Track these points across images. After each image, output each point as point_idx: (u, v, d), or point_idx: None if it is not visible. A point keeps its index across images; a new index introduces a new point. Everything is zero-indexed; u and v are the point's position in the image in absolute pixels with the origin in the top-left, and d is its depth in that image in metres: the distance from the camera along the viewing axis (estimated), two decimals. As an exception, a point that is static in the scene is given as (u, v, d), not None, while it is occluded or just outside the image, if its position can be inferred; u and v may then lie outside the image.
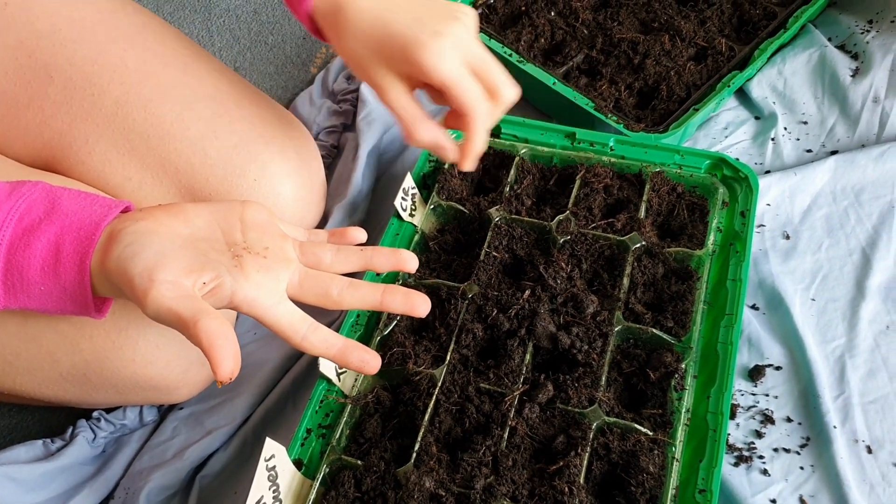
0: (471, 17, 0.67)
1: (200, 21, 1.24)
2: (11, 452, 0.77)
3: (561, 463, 0.63)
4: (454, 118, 0.69)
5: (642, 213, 0.78)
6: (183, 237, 0.57)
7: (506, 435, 0.65)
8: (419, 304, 0.63)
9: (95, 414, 0.80)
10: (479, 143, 0.67)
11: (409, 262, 0.66)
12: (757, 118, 0.96)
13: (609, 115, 0.89)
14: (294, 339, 0.58)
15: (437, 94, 0.67)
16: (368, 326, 0.75)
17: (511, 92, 0.67)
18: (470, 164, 0.68)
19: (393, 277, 0.77)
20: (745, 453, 0.71)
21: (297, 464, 0.66)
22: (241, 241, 0.60)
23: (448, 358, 0.70)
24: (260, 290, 0.57)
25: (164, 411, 0.83)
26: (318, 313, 0.65)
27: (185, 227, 0.58)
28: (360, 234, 0.68)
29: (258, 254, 0.59)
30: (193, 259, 0.56)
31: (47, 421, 0.85)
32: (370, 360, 0.60)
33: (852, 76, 0.96)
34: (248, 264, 0.58)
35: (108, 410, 0.81)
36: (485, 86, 0.65)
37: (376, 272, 0.70)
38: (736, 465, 0.70)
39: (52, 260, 0.56)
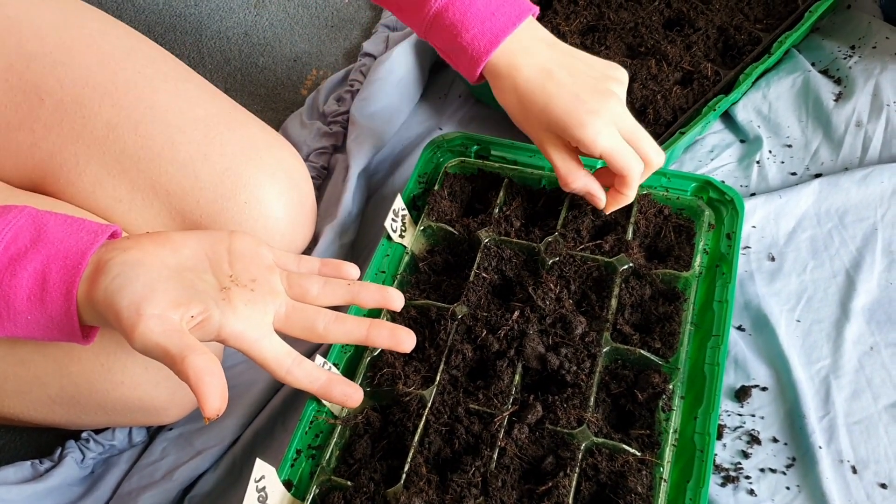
0: (623, 83, 0.75)
1: (191, 43, 1.25)
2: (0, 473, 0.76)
3: (550, 484, 0.63)
4: (607, 175, 0.77)
5: (630, 235, 0.79)
6: (170, 268, 0.58)
7: (495, 456, 0.65)
8: (404, 340, 0.64)
9: (84, 435, 0.80)
10: (630, 198, 0.77)
11: (396, 300, 0.67)
12: (742, 141, 0.98)
13: (597, 138, 0.90)
14: (279, 373, 0.59)
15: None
16: (358, 348, 0.75)
17: (660, 158, 0.75)
18: (613, 209, 0.78)
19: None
20: (732, 473, 0.72)
21: (287, 485, 0.66)
22: (228, 273, 0.60)
23: (437, 379, 0.70)
24: (247, 323, 0.58)
25: (154, 432, 0.82)
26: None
27: (173, 256, 0.59)
28: (353, 271, 0.69)
29: (245, 286, 0.60)
30: (181, 292, 0.56)
31: (36, 442, 0.84)
32: (353, 395, 0.62)
33: (835, 100, 0.98)
34: (235, 297, 0.58)
35: (97, 431, 0.80)
36: (637, 153, 0.73)
37: (362, 308, 0.70)
38: (723, 485, 0.71)
39: (38, 289, 0.56)
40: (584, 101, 0.71)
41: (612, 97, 0.72)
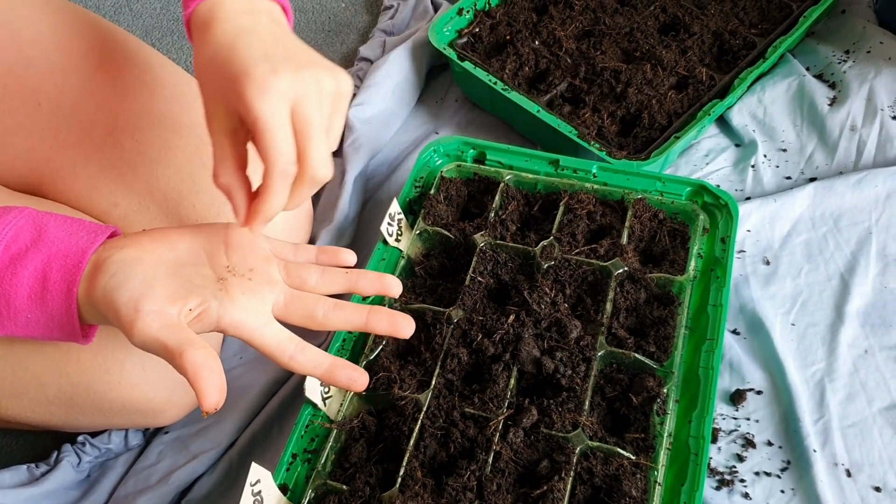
0: (341, 88, 0.61)
1: (188, 47, 1.25)
2: (-5, 477, 0.76)
3: (545, 487, 0.63)
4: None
5: (625, 239, 0.79)
6: (168, 263, 0.58)
7: (490, 459, 0.65)
8: (404, 326, 0.63)
9: (80, 438, 0.80)
10: (270, 202, 0.59)
11: (394, 287, 0.66)
12: (737, 145, 0.98)
13: (592, 143, 0.90)
14: (282, 360, 0.58)
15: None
16: (354, 350, 0.76)
17: (323, 172, 0.60)
18: (258, 225, 0.62)
19: (379, 301, 0.78)
20: (727, 477, 0.72)
21: (283, 489, 0.66)
22: (225, 263, 0.60)
23: (433, 382, 0.70)
24: (246, 312, 0.58)
25: (150, 435, 0.82)
26: (306, 335, 0.65)
27: (170, 252, 0.59)
28: (351, 257, 0.68)
29: (243, 276, 0.60)
30: (179, 286, 0.56)
31: (32, 445, 0.85)
32: (358, 378, 0.61)
33: (830, 105, 0.98)
34: (233, 287, 0.58)
35: (94, 434, 0.80)
36: (298, 149, 0.58)
37: (361, 295, 0.70)
38: (718, 488, 0.71)
39: (39, 289, 0.56)
40: (270, 60, 0.57)
41: (308, 73, 0.58)
